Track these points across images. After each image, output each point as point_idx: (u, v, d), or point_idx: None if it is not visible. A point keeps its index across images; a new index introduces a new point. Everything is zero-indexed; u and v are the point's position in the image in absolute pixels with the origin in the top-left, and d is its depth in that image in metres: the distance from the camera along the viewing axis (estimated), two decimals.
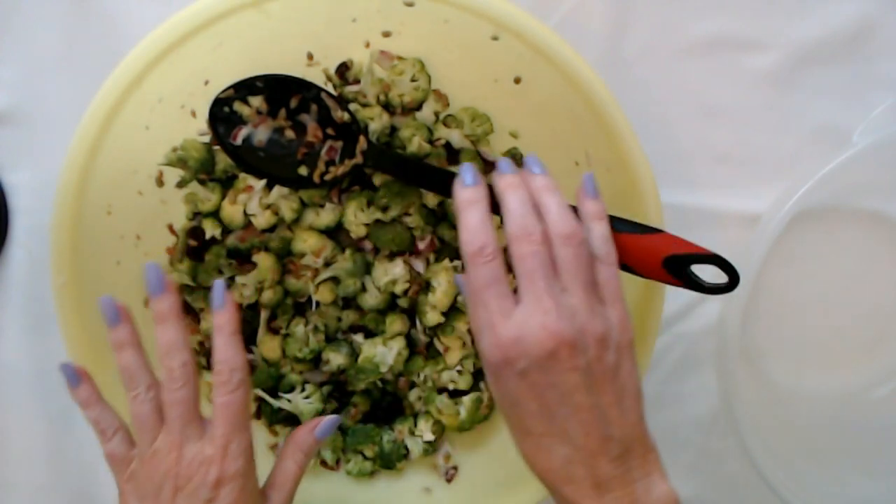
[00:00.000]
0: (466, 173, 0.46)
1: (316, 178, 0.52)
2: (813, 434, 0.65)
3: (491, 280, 0.43)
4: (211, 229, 0.56)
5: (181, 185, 0.56)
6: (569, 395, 0.42)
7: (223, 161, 0.55)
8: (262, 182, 0.55)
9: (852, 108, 0.61)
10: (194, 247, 0.57)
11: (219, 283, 0.47)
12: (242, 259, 0.57)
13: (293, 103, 0.51)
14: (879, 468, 0.65)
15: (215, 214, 0.56)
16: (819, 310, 0.64)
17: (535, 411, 0.42)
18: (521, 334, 0.42)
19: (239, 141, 0.51)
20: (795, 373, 0.65)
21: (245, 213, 0.56)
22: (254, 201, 0.55)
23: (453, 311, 0.58)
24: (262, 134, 0.52)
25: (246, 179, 0.55)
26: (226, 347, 0.46)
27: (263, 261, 0.56)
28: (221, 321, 0.46)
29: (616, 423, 0.42)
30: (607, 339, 0.42)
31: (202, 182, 0.56)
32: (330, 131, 0.52)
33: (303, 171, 0.52)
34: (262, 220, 0.56)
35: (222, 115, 0.51)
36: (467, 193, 0.45)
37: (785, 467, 0.61)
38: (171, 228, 0.57)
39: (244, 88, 0.50)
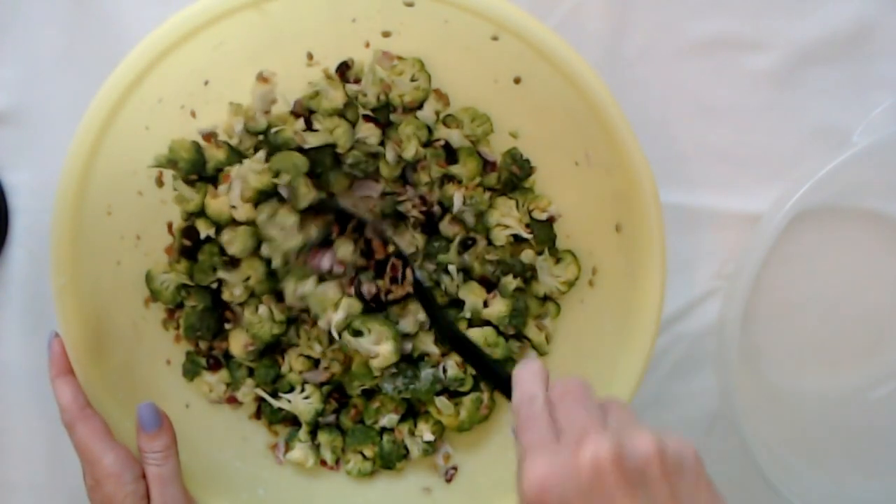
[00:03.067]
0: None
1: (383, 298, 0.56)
2: (813, 434, 0.65)
3: (533, 394, 0.41)
4: (205, 228, 0.56)
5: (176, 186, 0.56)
6: None
7: (213, 159, 0.55)
8: (237, 167, 0.55)
9: (852, 108, 0.61)
10: (189, 246, 0.57)
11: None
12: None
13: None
14: (879, 468, 0.65)
15: (203, 213, 0.56)
16: (819, 310, 0.64)
17: None
18: (551, 468, 0.38)
19: (325, 264, 0.56)
20: (795, 373, 0.65)
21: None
22: (234, 192, 0.55)
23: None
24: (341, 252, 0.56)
25: (228, 171, 0.55)
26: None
27: (250, 261, 0.56)
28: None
29: None
30: (663, 451, 0.37)
31: (191, 182, 0.56)
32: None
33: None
34: (243, 212, 0.55)
35: None
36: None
37: (785, 467, 0.61)
38: (170, 228, 0.57)
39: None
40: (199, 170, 0.55)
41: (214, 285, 0.57)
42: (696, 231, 0.62)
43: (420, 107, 0.56)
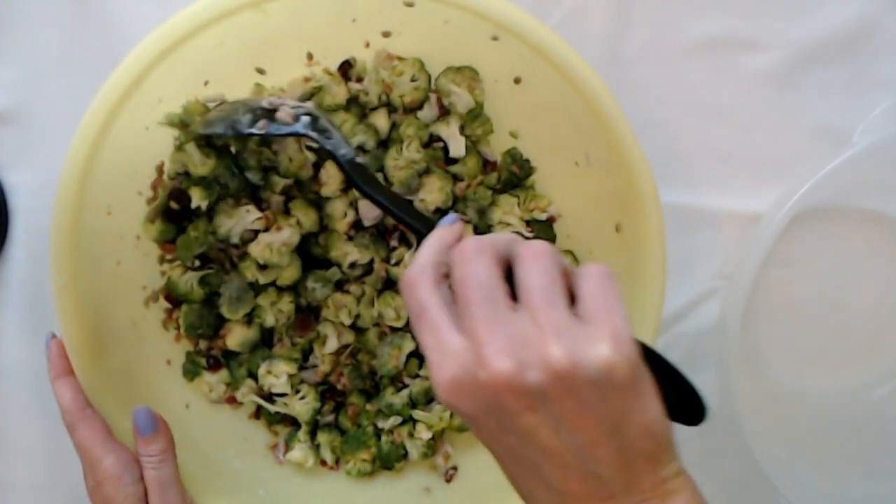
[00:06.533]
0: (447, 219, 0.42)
1: None
2: (813, 434, 0.65)
3: (424, 305, 0.37)
4: (198, 199, 0.54)
5: (179, 147, 0.54)
6: (531, 438, 0.35)
7: None
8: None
9: (852, 108, 0.61)
10: (175, 211, 0.55)
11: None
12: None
13: None
14: (879, 468, 0.65)
15: (203, 181, 0.54)
16: (819, 310, 0.64)
17: (501, 455, 0.37)
18: (454, 377, 0.35)
19: None
20: (795, 373, 0.65)
21: None
22: None
23: None
24: None
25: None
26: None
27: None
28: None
29: (606, 463, 0.35)
30: (575, 368, 0.34)
31: (200, 147, 0.54)
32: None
33: None
34: None
35: None
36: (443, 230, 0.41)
37: (785, 467, 0.61)
38: (160, 170, 0.55)
39: None
40: (208, 136, 0.53)
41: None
42: (696, 231, 0.62)
43: (420, 107, 0.56)
